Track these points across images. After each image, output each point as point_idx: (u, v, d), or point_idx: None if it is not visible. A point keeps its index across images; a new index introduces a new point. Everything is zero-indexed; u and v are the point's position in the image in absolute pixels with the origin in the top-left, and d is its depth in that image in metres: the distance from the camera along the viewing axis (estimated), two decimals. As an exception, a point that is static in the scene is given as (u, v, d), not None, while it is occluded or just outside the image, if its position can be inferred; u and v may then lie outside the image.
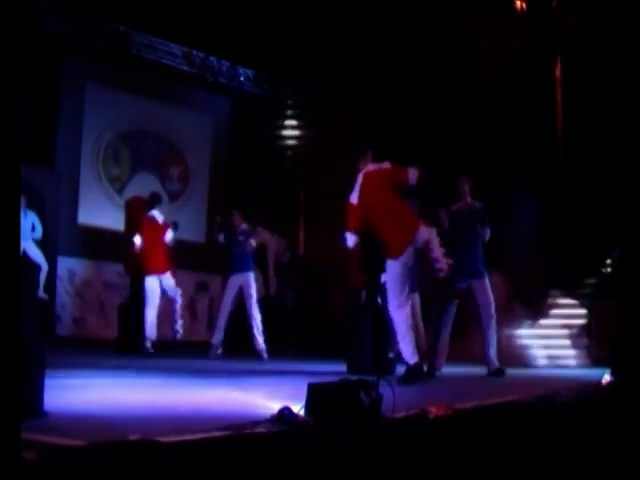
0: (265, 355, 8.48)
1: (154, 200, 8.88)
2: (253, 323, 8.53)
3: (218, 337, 8.67)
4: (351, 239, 5.46)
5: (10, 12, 1.95)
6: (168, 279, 8.62)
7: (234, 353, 8.85)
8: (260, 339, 8.52)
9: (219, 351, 8.66)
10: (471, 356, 7.93)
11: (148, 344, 8.34)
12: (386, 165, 5.46)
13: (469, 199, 6.98)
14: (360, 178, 5.47)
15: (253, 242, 8.70)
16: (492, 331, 6.78)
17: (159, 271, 8.55)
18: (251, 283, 8.65)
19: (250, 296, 8.60)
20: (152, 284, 8.54)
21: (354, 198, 5.44)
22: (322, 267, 12.27)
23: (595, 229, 10.33)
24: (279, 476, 2.11)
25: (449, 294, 7.03)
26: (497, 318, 6.89)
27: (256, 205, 11.22)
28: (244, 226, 8.77)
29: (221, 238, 8.73)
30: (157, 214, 8.69)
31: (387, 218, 5.34)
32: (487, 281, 6.81)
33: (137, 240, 8.57)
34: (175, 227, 8.74)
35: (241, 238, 8.63)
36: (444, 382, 6.00)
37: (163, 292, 8.64)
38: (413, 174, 5.35)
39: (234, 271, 8.69)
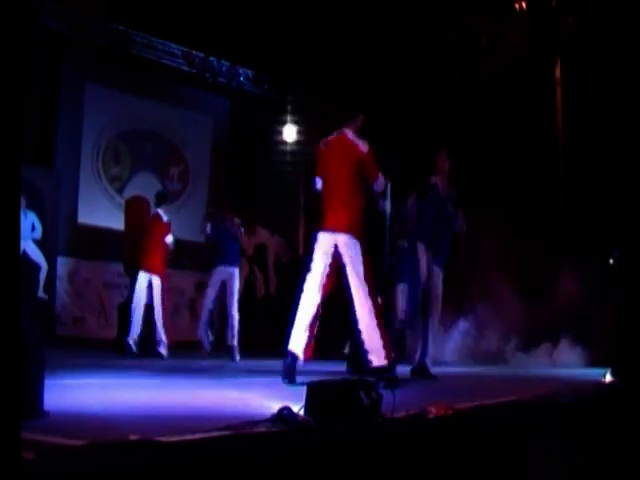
0: (237, 356, 8.20)
1: (161, 198, 8.96)
2: (230, 322, 8.30)
3: (205, 340, 8.42)
4: (319, 183, 5.19)
5: (10, 12, 1.95)
6: (157, 285, 8.40)
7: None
8: (234, 340, 8.24)
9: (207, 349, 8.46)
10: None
11: (131, 342, 8.17)
12: (364, 146, 4.98)
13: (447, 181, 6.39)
14: (335, 136, 5.14)
15: (241, 230, 8.43)
16: (434, 325, 6.26)
17: (151, 270, 8.41)
18: (235, 279, 8.34)
19: (232, 293, 8.31)
20: (142, 281, 8.34)
21: (323, 145, 5.19)
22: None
23: (595, 229, 10.32)
24: (279, 476, 2.11)
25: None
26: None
27: (256, 205, 11.20)
28: (234, 218, 8.47)
29: (208, 228, 8.44)
30: (163, 213, 8.72)
31: (337, 193, 5.02)
32: (441, 274, 6.25)
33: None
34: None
35: (229, 225, 8.33)
36: (444, 382, 6.00)
37: (148, 296, 8.39)
38: (381, 183, 5.06)
39: (219, 263, 8.36)
